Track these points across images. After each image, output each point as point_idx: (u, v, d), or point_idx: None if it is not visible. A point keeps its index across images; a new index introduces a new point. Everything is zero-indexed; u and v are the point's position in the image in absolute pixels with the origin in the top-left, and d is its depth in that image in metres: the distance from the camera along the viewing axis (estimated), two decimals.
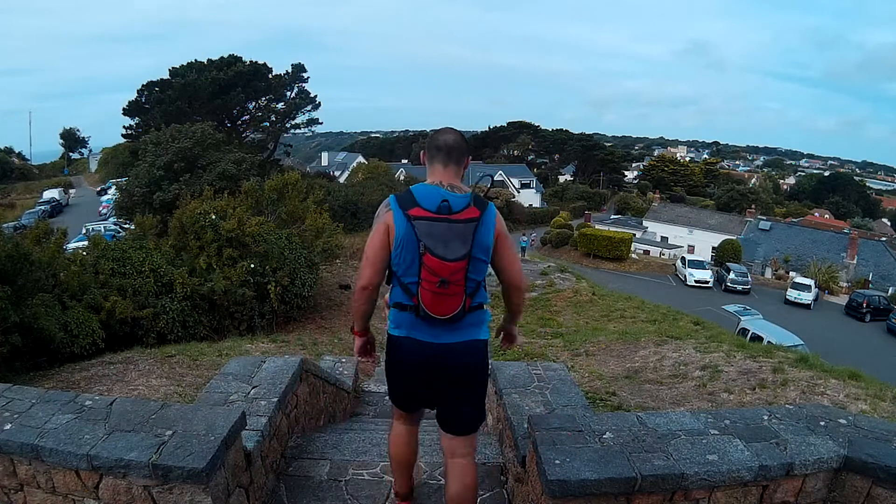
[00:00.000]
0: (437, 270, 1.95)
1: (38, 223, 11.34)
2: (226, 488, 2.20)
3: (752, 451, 2.19)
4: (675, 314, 12.39)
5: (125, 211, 24.07)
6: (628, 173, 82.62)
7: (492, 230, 2.04)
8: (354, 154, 70.22)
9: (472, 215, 1.99)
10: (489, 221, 2.03)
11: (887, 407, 4.90)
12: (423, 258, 1.96)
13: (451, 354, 2.07)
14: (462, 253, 1.96)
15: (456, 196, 2.01)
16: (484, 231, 2.01)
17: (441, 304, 2.00)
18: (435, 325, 2.04)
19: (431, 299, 1.99)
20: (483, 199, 2.07)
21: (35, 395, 2.48)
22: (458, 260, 1.96)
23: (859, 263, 34.65)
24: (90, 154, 67.02)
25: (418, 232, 1.96)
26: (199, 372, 6.22)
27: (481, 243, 2.01)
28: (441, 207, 1.97)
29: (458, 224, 1.97)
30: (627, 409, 5.14)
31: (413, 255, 1.98)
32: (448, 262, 1.95)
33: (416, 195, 2.02)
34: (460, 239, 1.97)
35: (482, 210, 2.02)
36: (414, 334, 2.08)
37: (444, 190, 2.03)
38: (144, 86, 37.95)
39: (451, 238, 1.96)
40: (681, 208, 47.64)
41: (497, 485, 2.93)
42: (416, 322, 2.06)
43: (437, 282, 1.96)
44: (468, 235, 1.97)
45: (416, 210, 1.98)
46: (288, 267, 12.19)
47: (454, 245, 1.96)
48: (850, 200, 78.98)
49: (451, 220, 1.97)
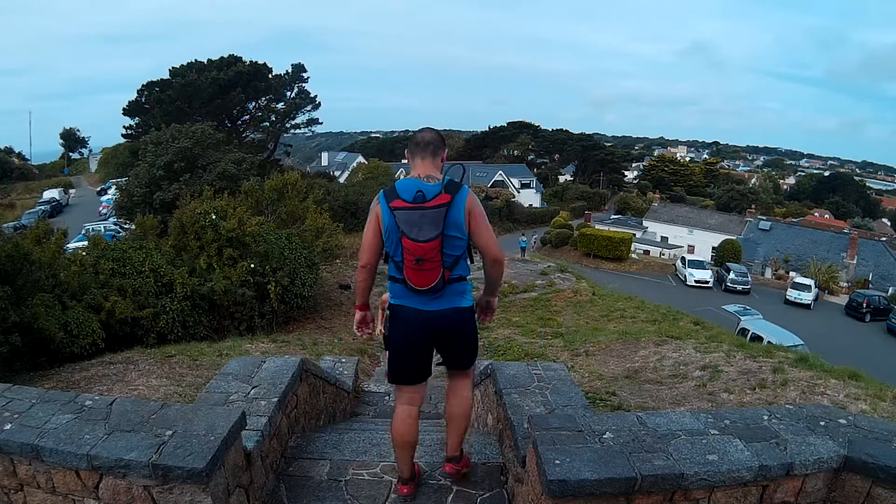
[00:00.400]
0: (413, 251, 2.34)
1: (38, 223, 11.34)
2: (226, 488, 2.20)
3: (752, 451, 2.19)
4: (675, 314, 12.39)
5: (125, 211, 24.07)
6: (628, 173, 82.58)
7: (462, 209, 2.37)
8: (354, 154, 70.22)
9: (444, 201, 2.34)
10: (460, 202, 2.36)
11: (887, 407, 4.90)
12: (402, 241, 2.35)
13: (440, 319, 2.48)
14: (433, 234, 2.32)
15: (429, 186, 2.37)
16: (455, 212, 2.35)
17: (421, 278, 2.38)
18: (420, 294, 2.43)
19: (412, 275, 2.39)
20: (457, 183, 2.40)
21: (35, 395, 2.48)
22: (429, 241, 2.32)
23: (859, 263, 34.65)
24: (90, 154, 67.00)
25: (398, 220, 2.35)
26: (199, 372, 6.22)
27: (453, 223, 2.35)
28: (416, 197, 2.34)
29: (430, 210, 2.33)
30: (627, 409, 5.15)
31: (396, 239, 2.37)
32: (421, 243, 2.32)
33: (398, 189, 2.40)
34: (432, 223, 2.33)
35: (454, 194, 2.36)
36: (407, 302, 2.48)
37: (421, 182, 2.39)
38: (144, 86, 37.97)
39: (423, 223, 2.33)
40: (681, 208, 47.63)
41: (497, 485, 2.93)
42: (407, 293, 2.46)
43: (413, 260, 2.35)
44: (439, 218, 2.33)
45: (396, 202, 2.36)
46: (288, 267, 12.19)
47: (427, 229, 2.33)
48: (850, 200, 78.93)
49: (425, 207, 2.33)
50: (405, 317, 2.50)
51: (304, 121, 42.95)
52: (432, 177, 2.42)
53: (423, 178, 2.41)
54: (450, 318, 2.49)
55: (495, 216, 44.02)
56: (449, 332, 2.54)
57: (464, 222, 2.36)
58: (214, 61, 38.83)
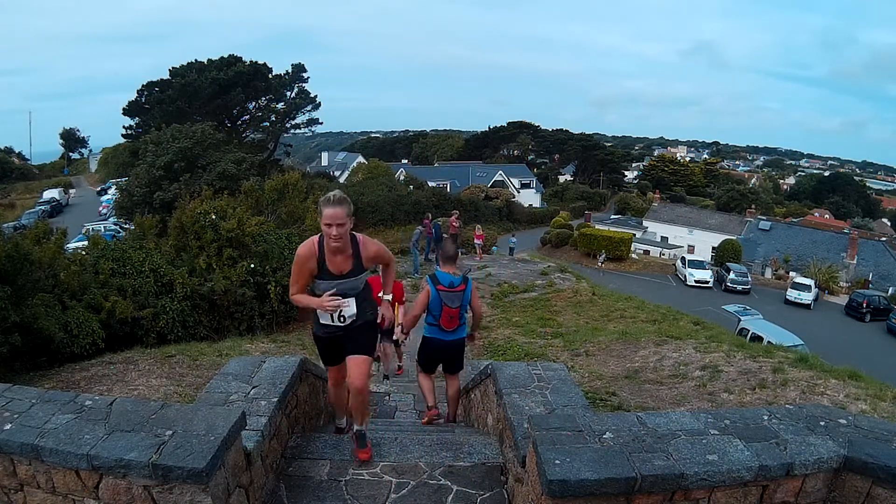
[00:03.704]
0: (450, 311, 4.38)
1: (38, 223, 11.32)
2: (226, 488, 2.20)
3: (752, 451, 2.19)
4: (675, 314, 12.36)
5: (125, 211, 24.09)
6: (628, 173, 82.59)
7: (469, 293, 4.46)
8: (354, 154, 70.18)
9: (463, 287, 4.41)
10: (469, 289, 4.46)
11: (887, 407, 4.89)
12: (443, 306, 4.35)
13: (451, 344, 4.54)
14: (458, 304, 4.39)
15: (456, 278, 4.41)
16: (467, 293, 4.45)
17: (449, 323, 4.42)
18: (444, 332, 4.45)
19: (446, 322, 4.41)
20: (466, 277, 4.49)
21: (35, 395, 2.48)
22: (456, 308, 4.39)
23: (859, 263, 34.65)
24: (90, 154, 67.00)
25: (442, 296, 4.35)
26: (199, 372, 6.22)
27: (466, 300, 4.44)
28: (450, 284, 4.37)
29: (458, 292, 4.38)
30: (627, 409, 5.14)
31: (440, 305, 4.36)
32: (453, 308, 4.38)
33: (439, 277, 4.39)
34: (459, 299, 4.39)
35: (466, 284, 4.44)
36: (436, 335, 4.49)
37: (451, 276, 4.41)
38: (144, 86, 37.97)
39: (454, 298, 4.37)
40: (681, 208, 47.63)
41: (497, 485, 2.93)
42: (437, 330, 4.46)
43: (449, 315, 4.38)
44: (461, 296, 4.40)
45: (440, 286, 4.35)
46: (288, 267, 12.14)
47: (455, 301, 4.38)
48: (850, 200, 78.92)
49: (454, 290, 4.37)
50: (434, 345, 4.53)
51: (304, 121, 43.03)
52: (457, 272, 4.47)
53: (453, 272, 4.45)
54: (456, 344, 4.57)
55: (495, 216, 44.01)
56: (452, 351, 4.60)
57: (469, 300, 4.47)
58: (214, 61, 38.82)
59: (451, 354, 4.56)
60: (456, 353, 4.58)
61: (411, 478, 2.99)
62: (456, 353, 4.58)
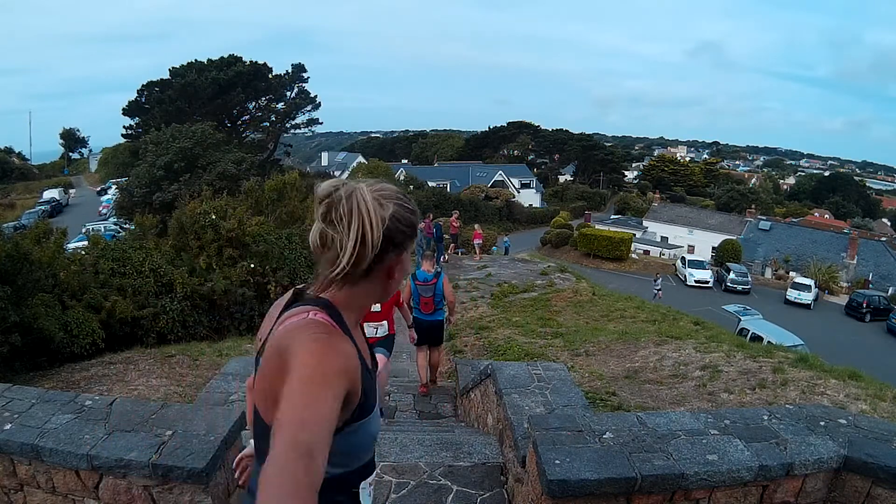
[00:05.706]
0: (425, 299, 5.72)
1: (38, 223, 11.32)
2: (226, 488, 2.20)
3: (752, 451, 2.19)
4: (675, 314, 12.35)
5: (125, 211, 24.08)
6: (628, 173, 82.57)
7: (441, 283, 5.73)
8: (354, 154, 70.21)
9: (434, 281, 5.68)
10: (440, 280, 5.74)
11: (887, 407, 4.89)
12: (420, 296, 5.71)
13: (431, 324, 5.84)
14: (431, 294, 5.69)
15: (429, 275, 5.68)
16: (439, 285, 5.72)
17: (426, 308, 5.76)
18: (424, 315, 5.77)
19: (423, 307, 5.76)
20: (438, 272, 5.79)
21: (35, 395, 2.48)
22: (430, 296, 5.71)
23: (859, 263, 34.64)
24: (90, 154, 66.96)
25: (419, 289, 5.69)
26: (199, 372, 6.22)
27: (438, 289, 5.72)
28: (424, 279, 5.68)
29: (430, 285, 5.68)
30: (627, 409, 5.14)
31: (417, 295, 5.72)
32: (426, 297, 5.71)
33: (417, 275, 5.68)
34: (431, 290, 5.68)
35: (438, 278, 5.71)
36: (419, 316, 5.73)
37: (426, 273, 5.69)
38: (144, 86, 37.97)
39: (427, 290, 5.67)
40: (681, 208, 47.62)
41: (497, 485, 2.93)
42: (419, 313, 5.74)
43: (424, 302, 5.73)
44: (433, 288, 5.68)
45: (417, 281, 5.69)
46: (288, 267, 12.18)
47: (428, 292, 5.68)
48: (850, 200, 78.85)
49: (427, 284, 5.67)
50: (420, 324, 5.68)
51: (304, 121, 43.00)
52: (432, 268, 5.75)
53: (428, 269, 5.70)
54: (435, 324, 5.89)
55: (495, 216, 44.01)
56: (433, 329, 5.88)
57: (441, 288, 5.72)
58: (214, 61, 38.82)
59: (431, 330, 5.86)
60: (435, 329, 5.91)
61: (411, 478, 2.98)
62: (435, 330, 5.92)
